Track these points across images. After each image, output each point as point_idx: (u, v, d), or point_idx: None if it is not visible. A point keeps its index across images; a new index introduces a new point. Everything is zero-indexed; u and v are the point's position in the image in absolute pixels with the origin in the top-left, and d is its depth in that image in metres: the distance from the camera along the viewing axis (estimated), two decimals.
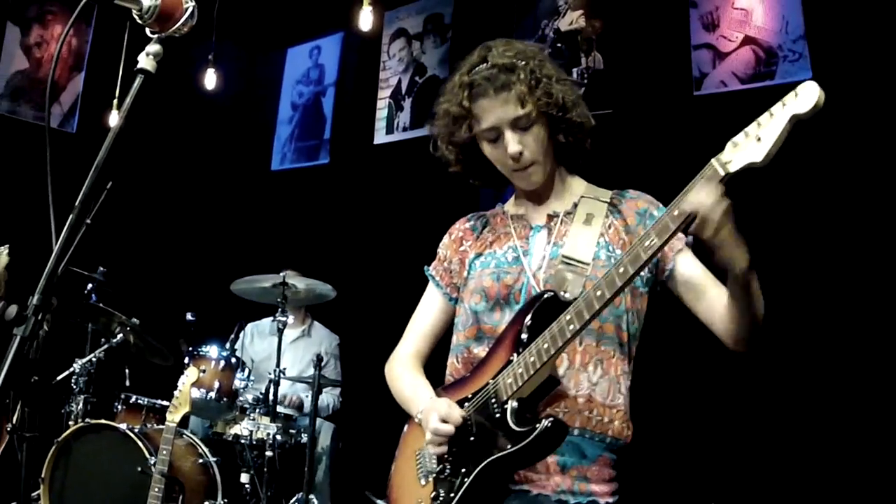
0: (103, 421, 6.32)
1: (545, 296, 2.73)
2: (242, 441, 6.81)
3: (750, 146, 2.16)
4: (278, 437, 6.71)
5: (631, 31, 7.30)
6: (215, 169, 10.61)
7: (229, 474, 6.63)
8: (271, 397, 6.88)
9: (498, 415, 2.67)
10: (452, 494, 2.72)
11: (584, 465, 2.79)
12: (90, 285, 7.02)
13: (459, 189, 7.91)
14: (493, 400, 2.71)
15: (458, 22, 8.94)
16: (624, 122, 7.03)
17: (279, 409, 7.07)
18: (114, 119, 8.94)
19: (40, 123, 9.28)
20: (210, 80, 9.16)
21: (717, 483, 5.95)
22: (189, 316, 7.33)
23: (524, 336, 2.68)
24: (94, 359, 7.11)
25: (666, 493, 6.07)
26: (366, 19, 7.36)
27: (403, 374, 3.24)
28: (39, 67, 9.50)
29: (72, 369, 7.06)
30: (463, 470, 2.72)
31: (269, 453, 6.67)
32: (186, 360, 6.76)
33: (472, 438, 2.73)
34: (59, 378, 7.05)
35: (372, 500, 3.41)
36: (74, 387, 7.13)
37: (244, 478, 6.80)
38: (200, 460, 6.41)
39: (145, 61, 2.31)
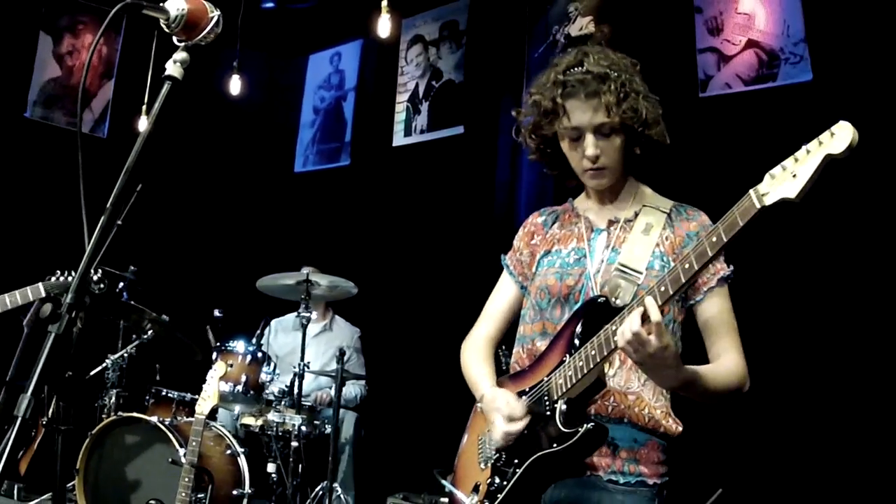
0: (135, 414, 6.33)
1: (598, 300, 2.78)
2: (269, 432, 6.82)
3: (786, 182, 2.18)
4: (303, 428, 6.72)
5: (638, 36, 7.28)
6: (241, 171, 10.63)
7: (256, 464, 6.65)
8: (296, 390, 6.89)
9: (548, 413, 2.73)
10: (505, 483, 2.78)
11: (634, 448, 2.84)
12: (122, 284, 7.03)
13: (474, 190, 7.93)
14: (546, 398, 2.77)
15: (472, 28, 8.92)
16: None
17: (305, 402, 7.08)
18: (143, 124, 8.95)
19: (72, 129, 9.33)
20: (235, 86, 9.16)
21: (726, 471, 5.94)
22: (216, 312, 7.35)
23: (576, 341, 2.74)
24: (125, 354, 7.15)
25: (675, 481, 6.06)
26: (384, 26, 7.36)
27: (473, 357, 3.31)
28: (71, 75, 9.53)
29: (104, 365, 7.10)
30: (515, 461, 2.78)
31: (294, 444, 6.68)
32: (214, 354, 6.79)
33: (525, 432, 2.79)
34: (92, 373, 7.08)
35: (438, 479, 3.43)
36: (107, 381, 7.17)
37: (271, 467, 6.82)
38: (228, 451, 6.42)
39: (173, 68, 2.32)
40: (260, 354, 6.97)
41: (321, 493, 6.92)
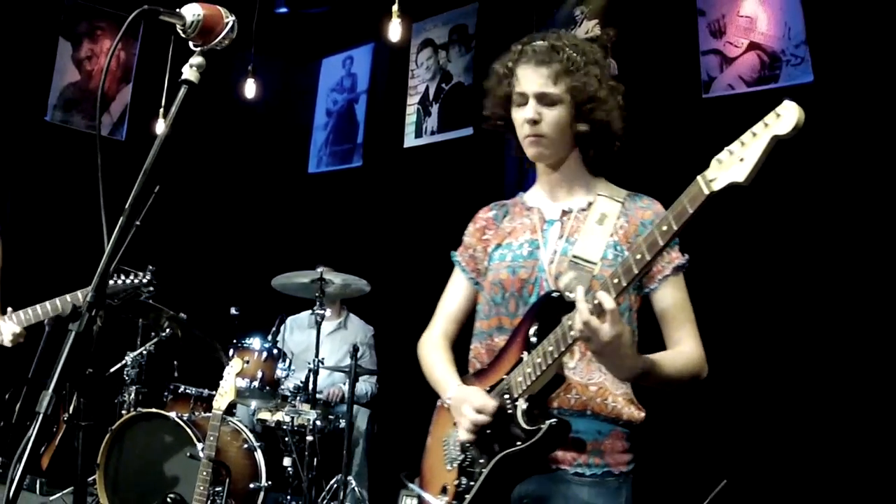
0: (154, 410, 6.36)
1: (552, 295, 2.72)
2: (284, 427, 6.84)
3: (734, 166, 2.12)
4: (318, 422, 6.74)
5: (643, 39, 7.29)
6: (256, 173, 10.64)
7: (272, 458, 6.67)
8: (311, 386, 6.90)
9: (510, 411, 2.69)
10: (472, 483, 2.75)
11: (598, 440, 2.79)
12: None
13: (483, 188, 7.92)
14: (507, 396, 2.72)
15: (481, 32, 8.94)
16: (638, 123, 7.02)
17: (319, 397, 7.09)
18: (160, 127, 8.97)
19: (91, 132, 9.35)
20: (250, 89, 9.17)
21: (730, 462, 5.93)
22: (233, 310, 7.36)
23: (532, 339, 2.69)
24: (144, 352, 7.18)
25: (679, 472, 6.06)
26: (395, 31, 7.36)
27: (433, 356, 3.25)
28: (90, 79, 9.55)
29: (124, 362, 7.13)
30: (481, 461, 2.74)
31: (309, 438, 6.70)
32: (231, 351, 6.79)
33: (488, 431, 2.75)
34: (112, 370, 7.11)
35: (406, 483, 3.40)
36: (127, 378, 7.19)
37: (286, 461, 6.84)
38: (245, 445, 6.44)
39: (189, 73, 2.32)
40: (275, 351, 6.98)
41: (336, 486, 6.93)
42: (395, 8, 7.12)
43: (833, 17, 6.24)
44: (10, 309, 4.42)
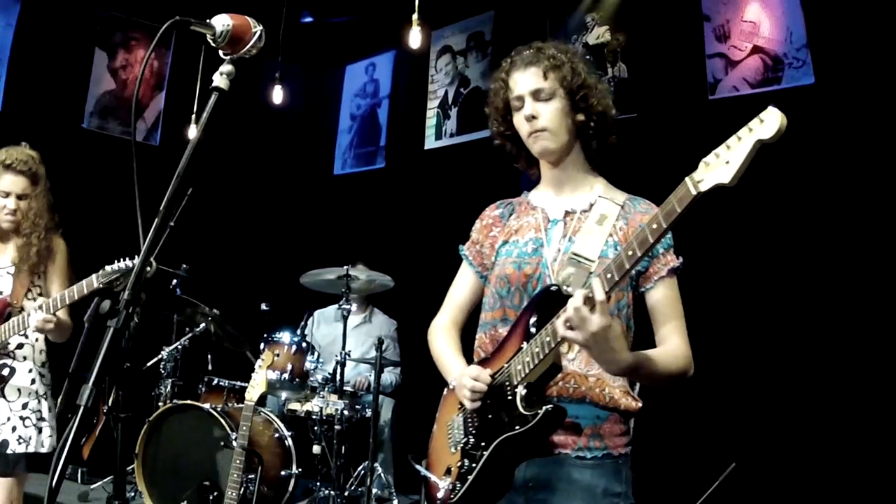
0: (189, 401, 6.37)
1: (551, 289, 2.76)
2: (313, 416, 6.84)
3: (720, 168, 2.13)
4: (345, 412, 6.74)
5: (652, 43, 7.31)
6: (283, 175, 10.67)
7: (302, 446, 6.67)
8: (338, 377, 6.91)
9: (510, 397, 2.71)
10: (474, 465, 2.77)
11: (597, 424, 2.82)
12: (175, 280, 7.08)
13: (501, 187, 7.91)
14: (507, 383, 2.74)
15: (497, 38, 8.96)
16: (647, 125, 7.07)
17: (346, 388, 7.10)
18: (192, 132, 8.99)
19: (126, 138, 9.39)
20: (277, 95, 9.19)
21: (738, 446, 5.92)
22: (263, 306, 7.39)
23: (532, 329, 2.71)
24: (179, 346, 7.20)
25: (688, 457, 6.05)
26: (415, 38, 7.35)
27: (441, 342, 3.30)
28: (125, 88, 9.59)
29: (160, 356, 7.15)
30: (482, 444, 2.76)
31: (337, 427, 6.71)
32: (262, 345, 6.81)
33: (489, 416, 2.77)
34: (149, 364, 7.14)
35: (413, 464, 3.43)
36: (163, 371, 7.22)
37: (316, 449, 6.85)
38: (276, 434, 6.45)
39: (219, 80, 2.32)
40: (304, 344, 6.98)
41: (363, 472, 6.95)
42: (414, 17, 7.12)
43: (833, 21, 6.29)
44: (41, 299, 4.44)
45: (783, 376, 6.11)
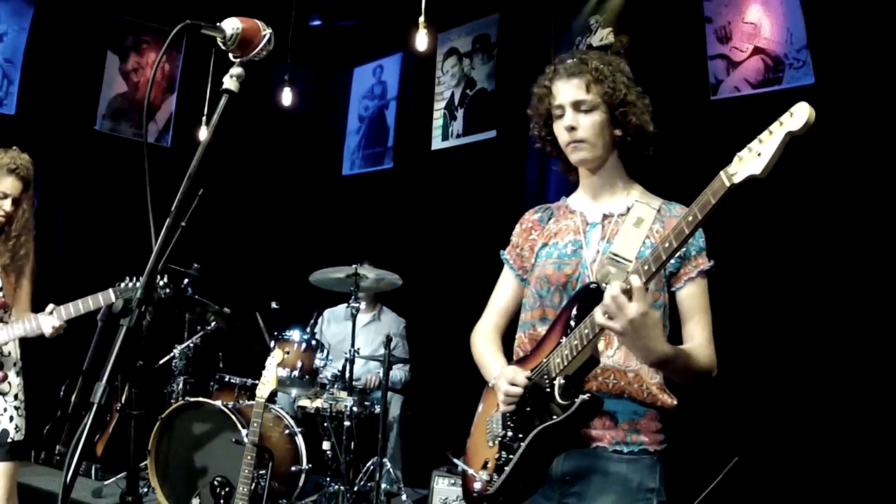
0: (201, 399, 6.37)
1: (591, 286, 2.77)
2: (323, 413, 6.85)
3: (752, 161, 2.18)
4: (354, 409, 6.75)
5: (655, 45, 7.30)
6: (293, 175, 10.67)
7: (312, 442, 6.68)
8: (347, 374, 6.92)
9: (548, 389, 2.72)
10: (512, 456, 2.77)
11: (635, 419, 2.85)
12: (187, 280, 7.09)
13: (507, 187, 7.91)
14: (546, 376, 2.75)
15: (503, 41, 8.95)
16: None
17: (356, 385, 7.11)
18: (203, 134, 8.98)
19: (138, 140, 9.41)
20: (286, 97, 9.18)
21: (741, 440, 5.91)
22: (273, 305, 7.41)
23: (571, 322, 2.72)
24: (191, 344, 7.21)
25: (690, 451, 6.05)
26: (422, 41, 7.34)
27: (483, 346, 3.31)
28: (137, 90, 9.59)
29: (172, 354, 7.17)
30: (520, 435, 2.77)
31: (346, 423, 6.72)
32: (272, 343, 6.81)
33: (528, 409, 2.78)
34: (161, 362, 7.14)
35: (451, 460, 3.44)
36: (175, 369, 7.24)
37: (325, 445, 6.86)
38: (287, 431, 6.45)
39: (229, 82, 2.33)
40: (314, 342, 7.00)
41: (372, 467, 6.95)
42: (421, 19, 7.11)
43: (832, 23, 6.29)
44: (52, 305, 4.50)
45: (786, 371, 6.11)
